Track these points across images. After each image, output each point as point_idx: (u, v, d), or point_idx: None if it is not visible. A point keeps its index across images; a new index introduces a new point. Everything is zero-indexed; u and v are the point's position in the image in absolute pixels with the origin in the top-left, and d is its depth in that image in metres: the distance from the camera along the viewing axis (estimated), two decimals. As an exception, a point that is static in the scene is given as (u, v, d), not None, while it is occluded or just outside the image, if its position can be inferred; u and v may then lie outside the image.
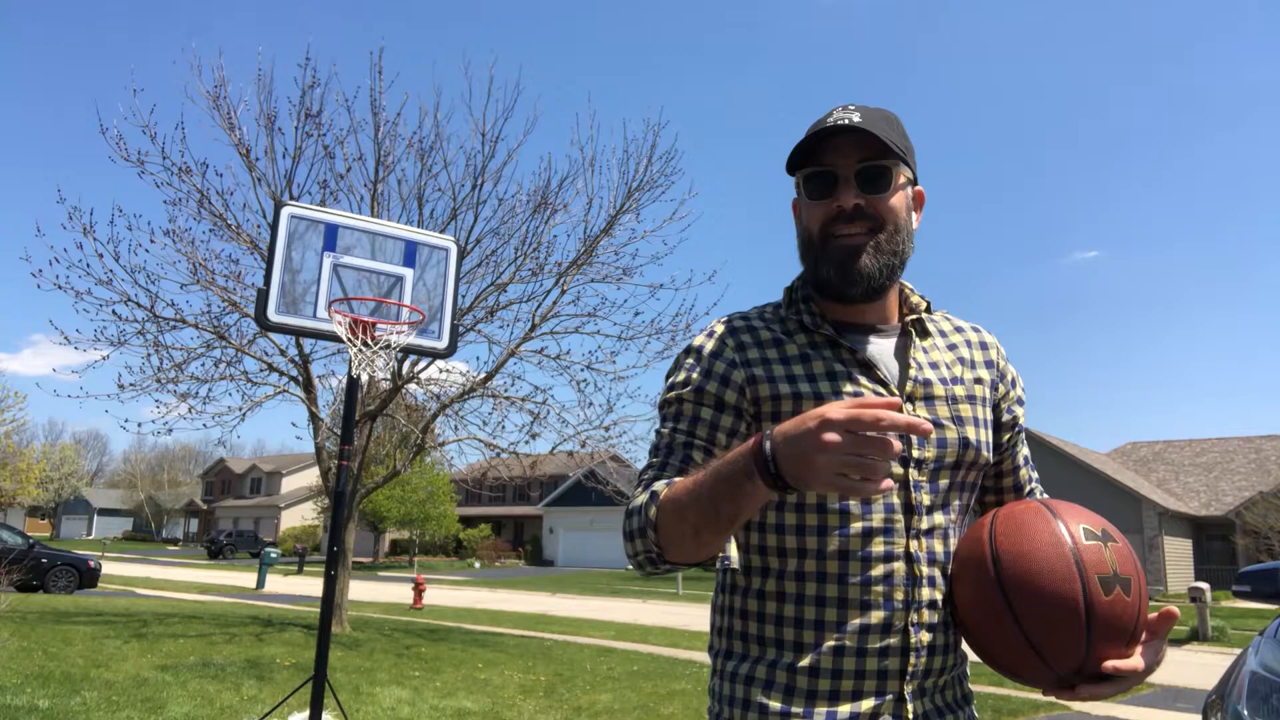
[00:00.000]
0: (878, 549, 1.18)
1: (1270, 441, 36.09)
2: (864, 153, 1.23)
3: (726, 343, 1.29)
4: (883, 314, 1.32)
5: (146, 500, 68.47)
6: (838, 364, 1.25)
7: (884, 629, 1.18)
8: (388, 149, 11.70)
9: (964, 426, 1.27)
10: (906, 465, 1.21)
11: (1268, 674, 2.84)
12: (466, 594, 25.04)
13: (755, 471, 0.98)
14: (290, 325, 5.80)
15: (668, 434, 1.27)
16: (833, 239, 1.25)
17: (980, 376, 1.34)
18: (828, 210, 1.25)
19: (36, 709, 5.74)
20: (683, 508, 1.08)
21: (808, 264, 1.30)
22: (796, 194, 1.33)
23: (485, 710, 6.83)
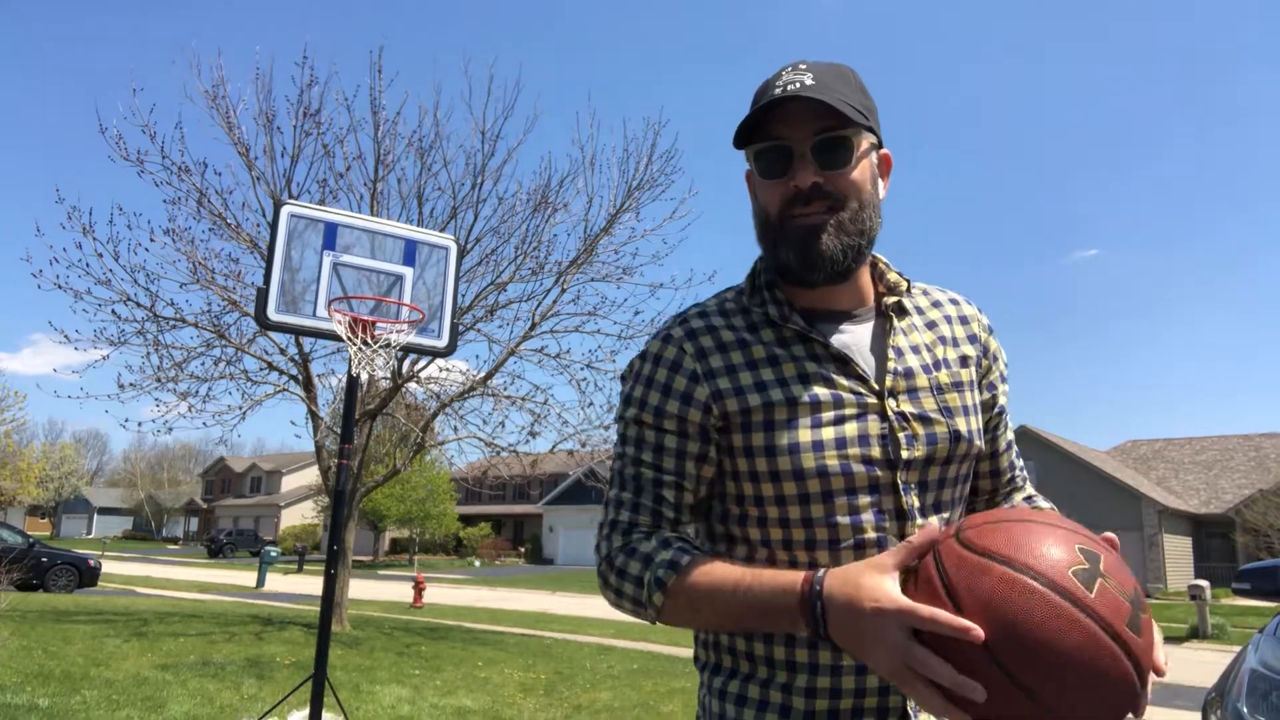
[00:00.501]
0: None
1: (1270, 439, 36.10)
2: (821, 122, 1.10)
3: (685, 349, 1.16)
4: (856, 296, 1.20)
5: (146, 499, 68.47)
6: (810, 361, 1.14)
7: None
8: (387, 148, 11.71)
9: (953, 418, 1.16)
10: (894, 468, 1.10)
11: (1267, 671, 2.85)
12: (466, 592, 25.04)
13: (802, 623, 0.94)
14: (290, 324, 5.80)
15: (631, 466, 1.16)
16: (791, 220, 1.13)
17: (965, 354, 1.23)
18: (785, 190, 1.12)
19: (36, 708, 5.74)
20: (698, 606, 1.03)
21: (766, 247, 1.18)
22: (751, 170, 1.19)
23: (485, 708, 6.83)
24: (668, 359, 1.17)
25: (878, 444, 1.10)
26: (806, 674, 1.09)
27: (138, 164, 10.92)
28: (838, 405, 1.11)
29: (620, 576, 1.10)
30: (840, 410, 1.11)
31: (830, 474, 1.08)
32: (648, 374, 1.18)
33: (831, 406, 1.11)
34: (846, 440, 1.10)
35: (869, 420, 1.11)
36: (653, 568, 1.07)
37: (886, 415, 1.12)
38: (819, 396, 1.11)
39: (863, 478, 1.09)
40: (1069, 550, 0.88)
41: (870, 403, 1.12)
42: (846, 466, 1.08)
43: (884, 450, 1.10)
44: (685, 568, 1.05)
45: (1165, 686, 9.80)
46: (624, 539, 1.12)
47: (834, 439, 1.09)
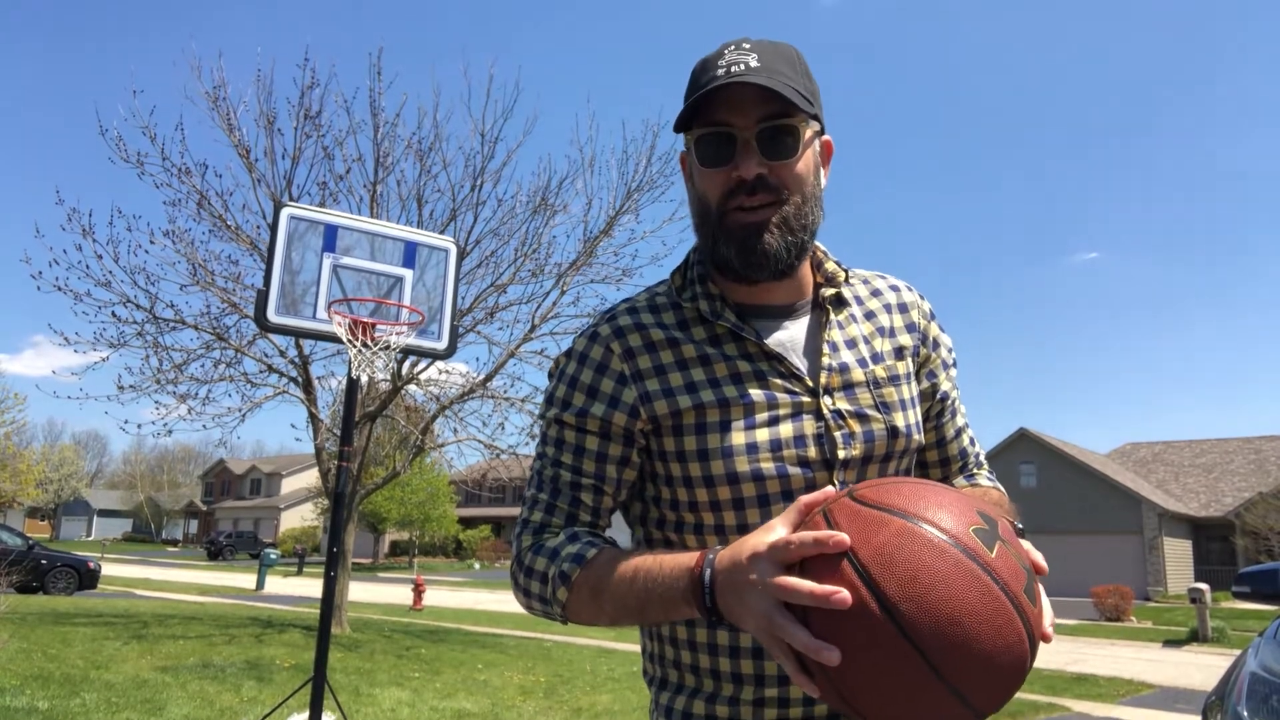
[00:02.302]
0: None
1: (1270, 442, 36.09)
2: (766, 108, 1.03)
3: (613, 349, 1.11)
4: (794, 290, 1.15)
5: (146, 501, 68.45)
6: (742, 360, 1.09)
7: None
8: (387, 150, 11.72)
9: (890, 413, 1.11)
10: (831, 468, 1.06)
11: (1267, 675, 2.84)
12: (466, 595, 25.02)
13: (693, 603, 0.89)
14: (290, 326, 5.80)
15: (550, 466, 1.11)
16: (732, 213, 1.06)
17: (901, 345, 1.18)
18: (726, 180, 1.06)
19: (36, 710, 5.74)
20: (601, 599, 0.98)
21: (704, 240, 1.11)
22: (688, 154, 1.12)
23: (485, 711, 6.82)
24: (594, 359, 1.12)
25: (814, 444, 1.06)
26: (753, 685, 1.05)
27: (138, 165, 10.94)
28: (771, 406, 1.07)
29: (528, 575, 1.05)
30: (774, 411, 1.07)
31: (765, 477, 1.04)
32: (572, 373, 1.13)
33: (765, 407, 1.07)
34: (781, 442, 1.05)
35: (804, 420, 1.07)
36: (558, 562, 1.02)
37: (822, 414, 1.07)
38: (752, 397, 1.07)
39: (799, 480, 1.05)
40: (968, 510, 0.83)
41: (805, 402, 1.08)
42: (782, 469, 1.05)
43: (820, 450, 1.06)
44: (590, 561, 1.00)
45: (1166, 689, 9.80)
46: (534, 538, 1.08)
47: (768, 441, 1.05)
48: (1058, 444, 32.56)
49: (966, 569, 0.78)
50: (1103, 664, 11.99)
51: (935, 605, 0.76)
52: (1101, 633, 17.72)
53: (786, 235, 1.06)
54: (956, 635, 0.76)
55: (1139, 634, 17.81)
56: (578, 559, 1.01)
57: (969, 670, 0.77)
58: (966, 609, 0.76)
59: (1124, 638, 16.91)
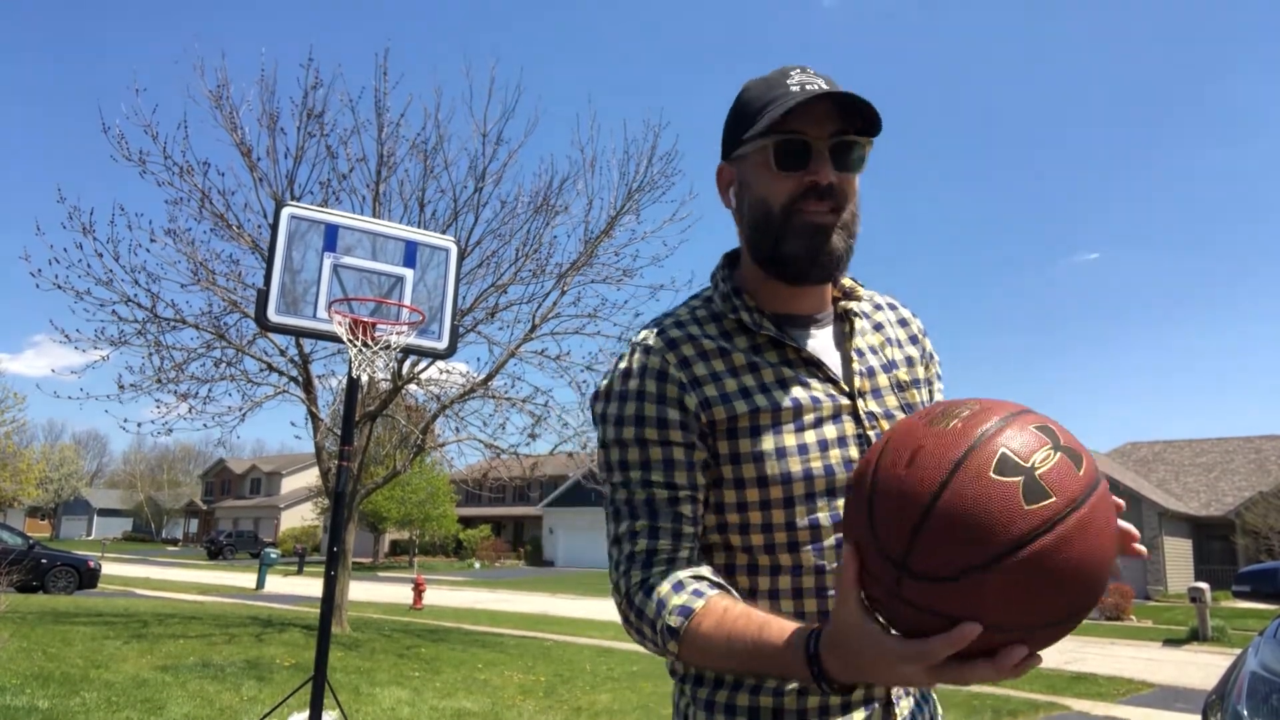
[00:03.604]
0: (834, 564, 1.11)
1: (1270, 442, 36.09)
2: (837, 124, 1.12)
3: (668, 359, 1.14)
4: (819, 301, 1.22)
5: (146, 501, 68.45)
6: (785, 367, 1.16)
7: None
8: (390, 150, 11.72)
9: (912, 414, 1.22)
10: None
11: (1267, 674, 2.85)
12: (466, 594, 25.03)
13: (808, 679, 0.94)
14: (290, 325, 5.80)
15: (641, 489, 1.11)
16: (799, 214, 1.12)
17: (909, 355, 1.28)
18: (798, 184, 1.12)
19: (36, 709, 5.74)
20: (709, 658, 1.03)
21: (764, 241, 1.15)
22: (738, 162, 1.19)
23: (485, 710, 6.83)
24: (653, 369, 1.14)
25: (854, 444, 1.14)
26: None
27: (140, 164, 10.93)
28: (815, 409, 1.14)
29: (639, 618, 1.08)
30: (818, 413, 1.14)
31: (814, 476, 1.11)
32: (635, 389, 1.13)
33: (810, 410, 1.13)
34: (827, 443, 1.12)
35: (844, 422, 1.15)
36: (665, 615, 1.04)
37: (859, 416, 1.16)
38: (799, 401, 1.13)
39: (842, 478, 1.11)
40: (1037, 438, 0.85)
41: (843, 404, 1.16)
42: (829, 468, 1.11)
43: (860, 449, 1.14)
44: (695, 617, 1.02)
45: (1166, 689, 9.80)
46: (643, 573, 1.08)
47: (816, 442, 1.12)
48: (1058, 444, 32.52)
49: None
50: (1102, 663, 11.99)
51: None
52: (1101, 632, 17.72)
53: (845, 239, 1.15)
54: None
55: (1139, 633, 17.82)
56: (684, 613, 1.03)
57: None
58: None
59: (1124, 637, 16.91)
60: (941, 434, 0.85)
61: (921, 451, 0.85)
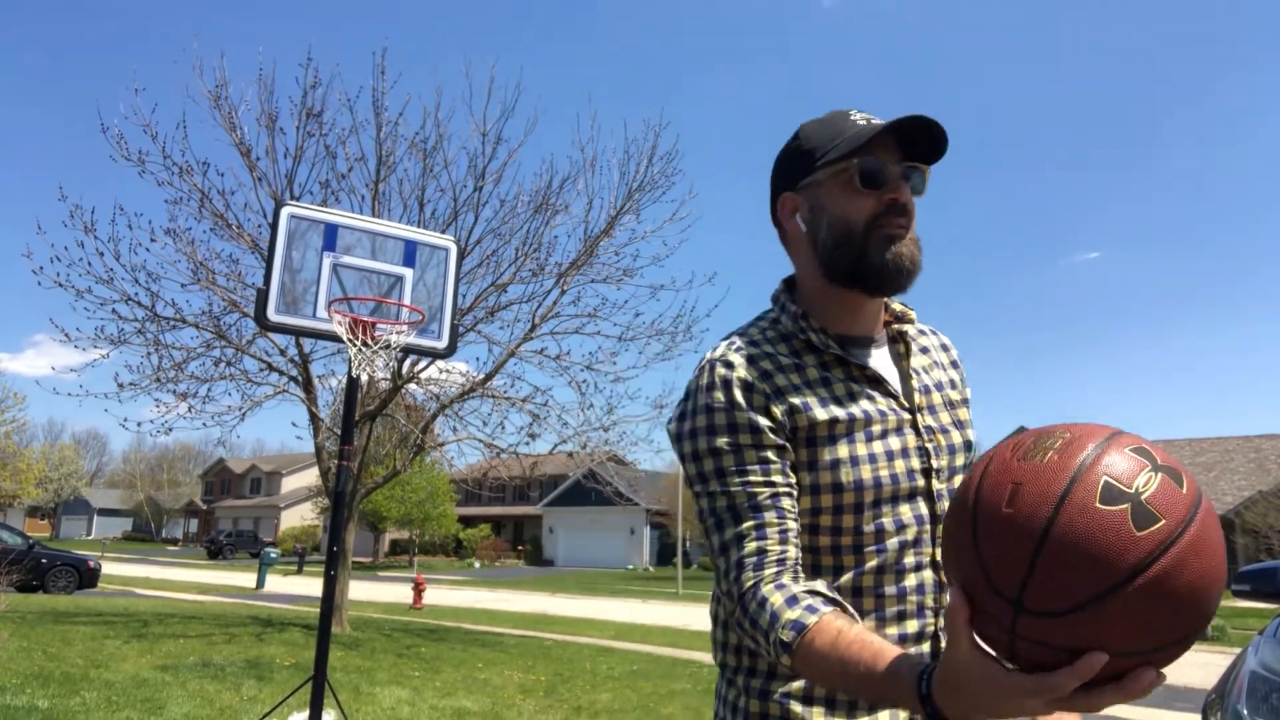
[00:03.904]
0: (909, 560, 1.20)
1: (1269, 441, 36.09)
2: (901, 153, 1.23)
3: (751, 372, 1.21)
4: (875, 322, 1.32)
5: (146, 500, 68.45)
6: (852, 383, 1.24)
7: (917, 636, 1.20)
8: (389, 149, 11.71)
9: (964, 429, 1.32)
10: (929, 476, 1.23)
11: (1267, 673, 2.85)
12: (466, 594, 25.04)
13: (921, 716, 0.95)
14: (290, 325, 5.80)
15: (742, 493, 1.16)
16: (881, 229, 1.22)
17: (952, 378, 1.38)
18: (878, 203, 1.22)
19: (36, 709, 5.74)
20: (823, 675, 1.06)
21: (847, 255, 1.23)
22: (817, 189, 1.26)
23: (485, 710, 6.83)
24: (740, 380, 1.20)
25: (916, 455, 1.23)
26: None
27: (139, 164, 10.92)
28: (882, 421, 1.23)
29: (753, 627, 1.11)
30: (884, 425, 1.23)
31: (883, 484, 1.19)
32: (724, 399, 1.19)
33: (878, 422, 1.23)
34: (893, 453, 1.22)
35: (906, 434, 1.24)
36: (777, 629, 1.07)
37: (919, 429, 1.25)
38: (869, 413, 1.23)
39: (906, 486, 1.21)
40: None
41: (905, 418, 1.25)
42: (895, 476, 1.20)
43: (921, 460, 1.23)
44: (810, 633, 1.05)
45: (1166, 688, 9.79)
46: (754, 575, 1.12)
47: (883, 452, 1.21)
48: (1058, 443, 32.54)
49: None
50: (1102, 663, 11.97)
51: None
52: (1101, 632, 17.69)
53: (918, 252, 1.25)
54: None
55: (1139, 633, 17.78)
56: (798, 628, 1.06)
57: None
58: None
59: (1124, 637, 16.88)
60: (1038, 469, 0.86)
61: (1021, 489, 0.85)
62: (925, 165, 1.25)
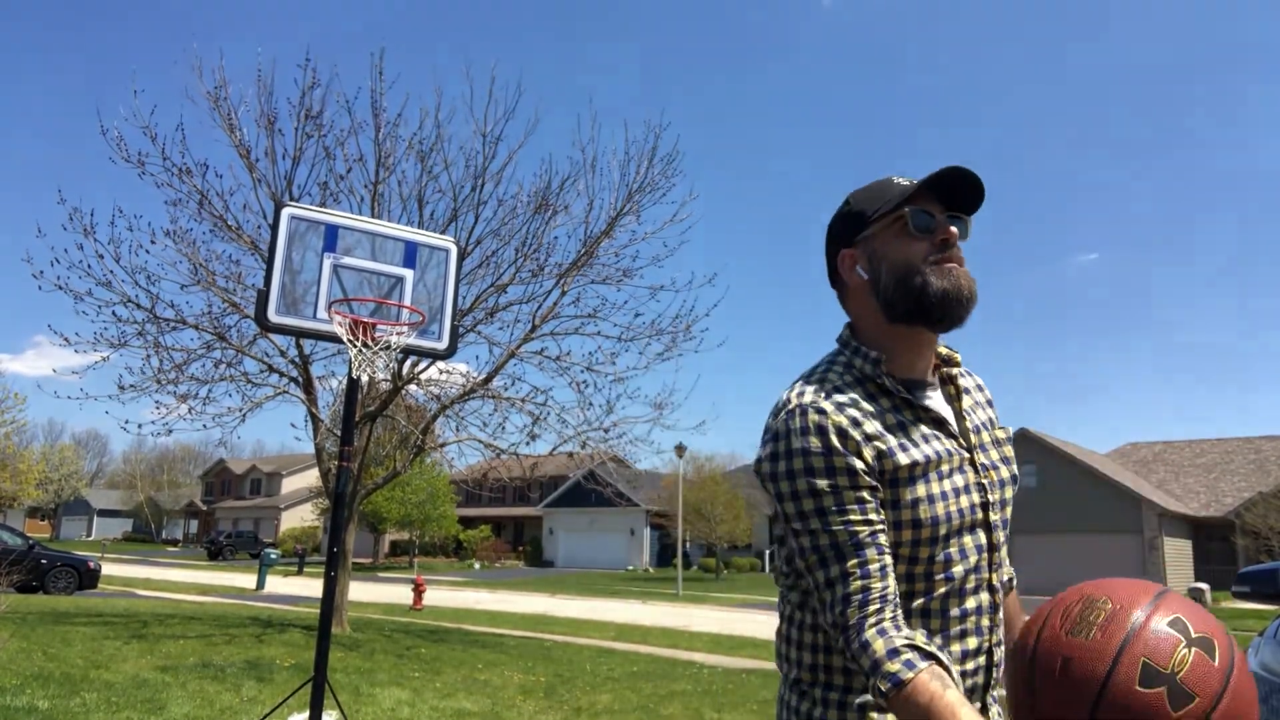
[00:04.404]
0: (971, 584, 1.33)
1: (1270, 442, 36.09)
2: (944, 206, 1.38)
3: (843, 419, 1.29)
4: (929, 365, 1.43)
5: (146, 501, 68.44)
6: (921, 425, 1.35)
7: (976, 651, 1.33)
8: (388, 150, 11.70)
9: (1010, 465, 1.45)
10: (987, 509, 1.35)
11: (1267, 674, 2.85)
12: (466, 595, 25.04)
13: None
14: (290, 326, 5.80)
15: (842, 528, 1.26)
16: (937, 265, 1.34)
17: (991, 417, 1.51)
18: (930, 246, 1.35)
19: (36, 710, 5.74)
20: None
21: (909, 294, 1.34)
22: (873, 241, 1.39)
23: (485, 711, 6.83)
24: (835, 426, 1.28)
25: (976, 491, 1.35)
26: None
27: (138, 165, 10.93)
28: (949, 460, 1.34)
29: (855, 658, 1.21)
30: (950, 464, 1.34)
31: (953, 519, 1.31)
32: (819, 445, 1.27)
33: (946, 462, 1.34)
34: (959, 490, 1.33)
35: (968, 472, 1.36)
36: (879, 679, 1.17)
37: (976, 466, 1.37)
38: (939, 453, 1.33)
39: (970, 519, 1.33)
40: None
41: (965, 457, 1.37)
42: (961, 512, 1.32)
43: (981, 495, 1.36)
44: (906, 691, 1.15)
45: (1165, 689, 9.78)
46: (859, 613, 1.22)
47: (952, 490, 1.33)
48: (1058, 444, 32.57)
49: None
50: (1103, 664, 11.97)
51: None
52: (1101, 633, 17.69)
53: (973, 281, 1.37)
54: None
55: (1139, 634, 17.78)
56: (895, 682, 1.16)
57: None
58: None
59: (1124, 638, 16.88)
60: (1084, 647, 0.99)
61: (1070, 664, 0.99)
62: (966, 215, 1.39)
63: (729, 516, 36.95)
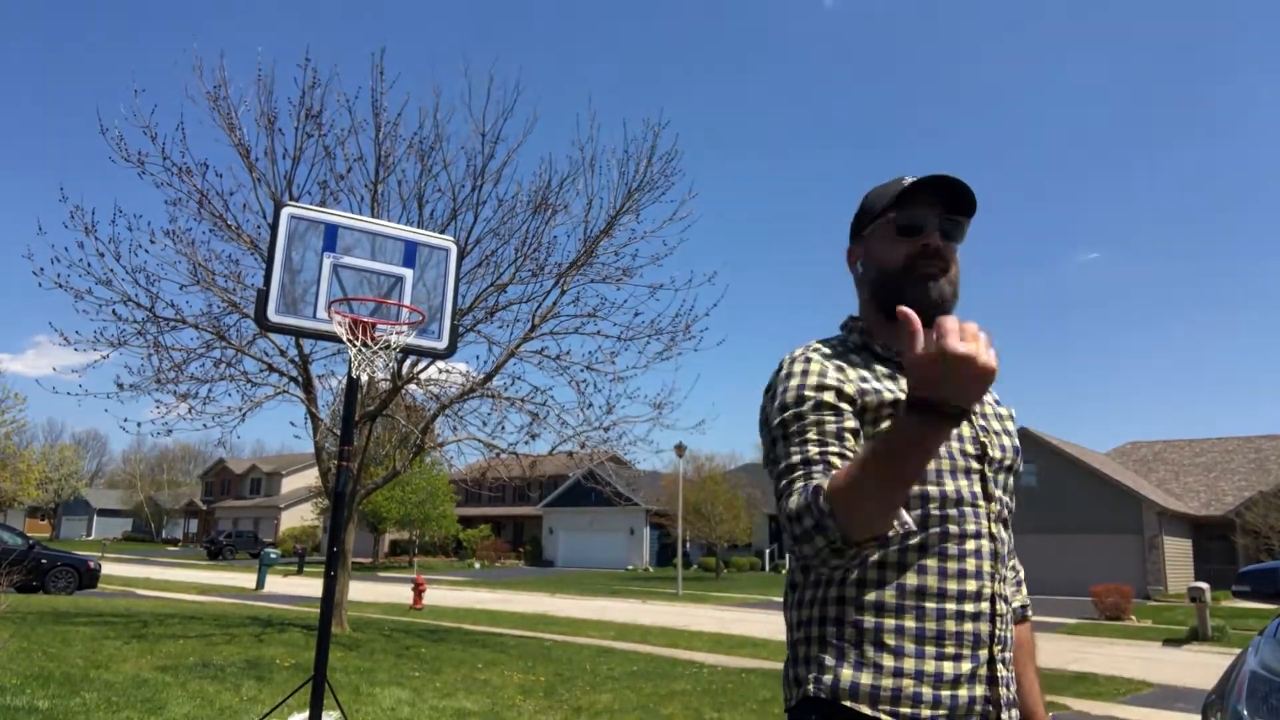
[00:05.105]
0: (970, 527, 1.38)
1: (1270, 441, 36.09)
2: (941, 208, 1.48)
3: (828, 364, 1.44)
4: None
5: (146, 501, 68.43)
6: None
7: (976, 595, 1.37)
8: (388, 150, 11.70)
9: (1013, 437, 1.53)
10: (983, 461, 1.43)
11: (1267, 674, 2.85)
12: (466, 594, 25.04)
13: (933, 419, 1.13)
14: (290, 325, 5.80)
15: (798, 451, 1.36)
16: (915, 270, 1.47)
17: (997, 397, 1.59)
18: (911, 248, 1.47)
19: (36, 710, 5.74)
20: (854, 491, 1.20)
21: (889, 292, 1.48)
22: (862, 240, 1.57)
23: (485, 710, 6.82)
24: (818, 361, 1.44)
25: (970, 442, 1.44)
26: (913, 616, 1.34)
27: (138, 165, 10.93)
28: None
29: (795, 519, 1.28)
30: None
31: (942, 456, 1.39)
32: (817, 368, 1.42)
33: None
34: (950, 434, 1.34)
35: (963, 425, 1.42)
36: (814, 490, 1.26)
37: (973, 423, 1.46)
38: None
39: (963, 463, 1.41)
40: None
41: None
42: (951, 453, 1.40)
43: (975, 447, 1.44)
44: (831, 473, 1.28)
45: (1166, 688, 9.80)
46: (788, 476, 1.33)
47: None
48: (1058, 443, 32.55)
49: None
50: (1102, 663, 12.00)
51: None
52: (1101, 632, 17.72)
53: (951, 290, 1.49)
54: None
55: (1139, 633, 17.82)
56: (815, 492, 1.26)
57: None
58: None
59: (1124, 637, 16.91)
60: None
61: None
62: (963, 217, 1.49)
63: (729, 516, 36.93)
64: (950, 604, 1.34)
